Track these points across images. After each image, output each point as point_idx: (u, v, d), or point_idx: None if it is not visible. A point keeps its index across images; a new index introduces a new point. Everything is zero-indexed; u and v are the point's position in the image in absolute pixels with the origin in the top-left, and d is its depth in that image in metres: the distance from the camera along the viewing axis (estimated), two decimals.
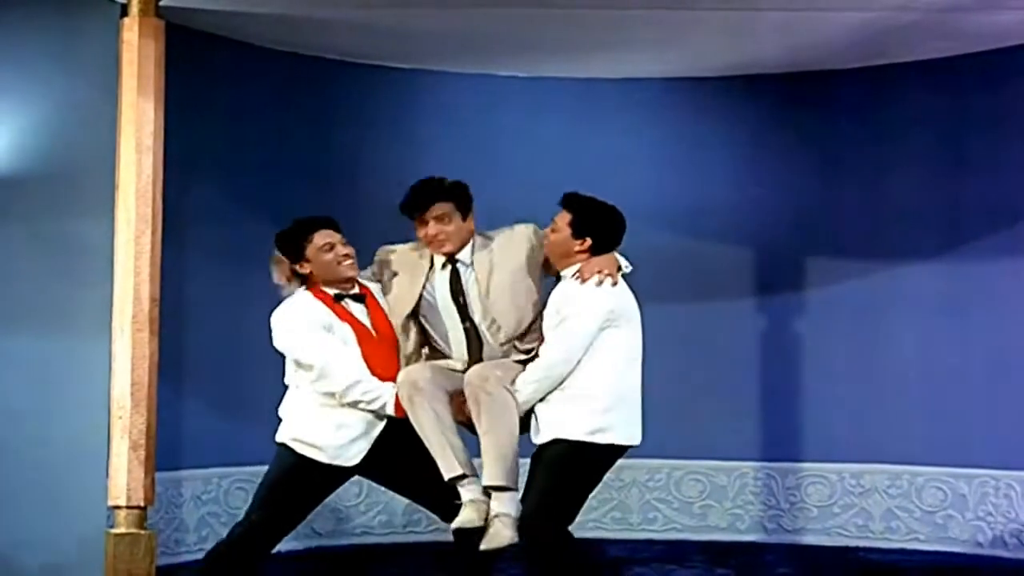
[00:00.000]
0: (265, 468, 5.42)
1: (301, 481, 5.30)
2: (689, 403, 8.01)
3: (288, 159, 7.56)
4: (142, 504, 5.78)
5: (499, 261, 5.35)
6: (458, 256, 5.36)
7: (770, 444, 8.11)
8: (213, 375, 7.33)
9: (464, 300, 5.33)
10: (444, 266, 5.36)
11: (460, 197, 5.39)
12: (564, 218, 5.35)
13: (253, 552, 5.32)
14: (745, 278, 8.20)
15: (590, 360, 5.20)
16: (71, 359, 6.53)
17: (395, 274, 5.43)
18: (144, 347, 5.83)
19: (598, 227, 5.34)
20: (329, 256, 5.33)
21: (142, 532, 5.75)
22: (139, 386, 5.80)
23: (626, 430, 5.22)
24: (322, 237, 5.35)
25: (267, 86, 7.56)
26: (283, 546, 5.48)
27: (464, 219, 5.36)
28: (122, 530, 5.72)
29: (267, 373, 7.09)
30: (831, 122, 8.11)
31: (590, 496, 5.29)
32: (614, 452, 5.22)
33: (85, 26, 6.53)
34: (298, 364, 5.32)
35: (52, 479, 6.50)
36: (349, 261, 5.37)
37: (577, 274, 5.27)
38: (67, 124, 6.60)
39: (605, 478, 5.31)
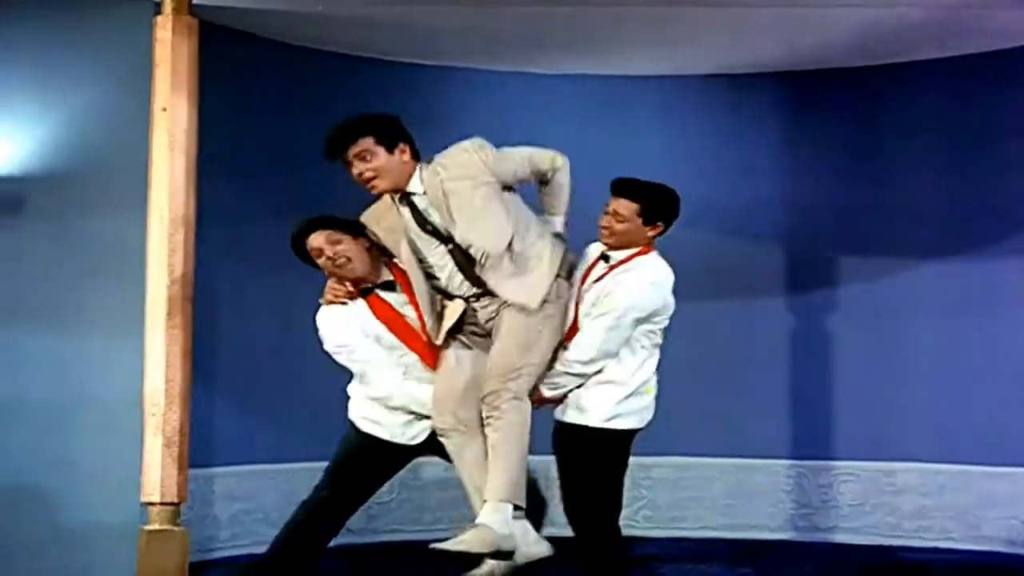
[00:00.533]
0: (298, 465, 5.46)
1: (365, 458, 5.32)
2: (719, 401, 7.99)
3: (320, 157, 7.55)
4: (175, 501, 5.83)
5: (452, 187, 5.06)
6: (408, 188, 5.09)
7: (801, 442, 8.08)
8: (246, 373, 7.33)
9: (433, 226, 5.08)
10: (402, 202, 5.13)
11: (379, 129, 5.07)
12: (629, 207, 5.28)
13: (321, 527, 5.33)
14: (775, 276, 8.16)
15: (625, 349, 5.23)
16: (104, 357, 6.56)
17: (385, 232, 5.25)
18: (177, 345, 5.87)
19: (668, 210, 5.34)
20: (321, 261, 5.20)
21: (175, 529, 5.79)
22: (172, 384, 5.84)
23: (640, 415, 5.27)
24: (312, 241, 5.19)
25: (298, 83, 7.54)
26: None
27: (391, 151, 5.03)
28: (155, 527, 5.77)
29: (300, 370, 7.18)
30: (860, 120, 8.07)
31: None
32: (631, 436, 5.27)
33: (119, 24, 6.54)
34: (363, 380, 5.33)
35: (85, 476, 6.54)
36: (343, 260, 5.17)
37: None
38: (101, 122, 6.63)
39: (636, 476, 5.33)
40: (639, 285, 5.22)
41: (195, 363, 6.05)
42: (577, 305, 5.30)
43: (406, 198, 5.11)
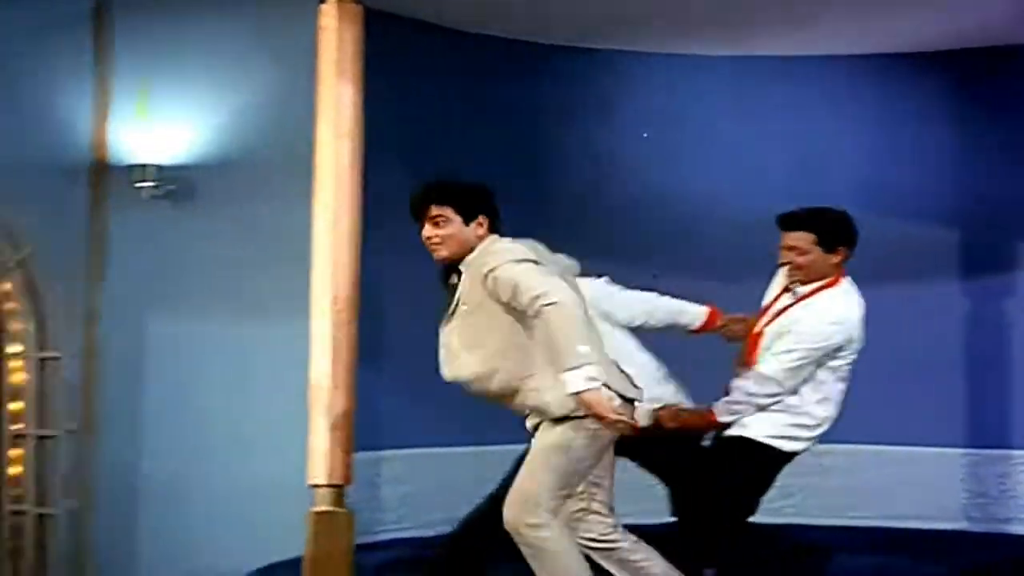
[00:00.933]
0: (463, 449, 5.50)
1: None
2: (892, 387, 7.80)
3: (489, 144, 7.54)
4: (341, 483, 5.86)
5: (464, 282, 4.86)
6: (461, 264, 4.93)
7: (977, 430, 7.87)
8: (413, 357, 7.34)
9: (450, 306, 4.97)
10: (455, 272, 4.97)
11: (463, 199, 4.90)
12: (805, 238, 5.21)
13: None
14: (949, 260, 7.97)
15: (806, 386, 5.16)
16: (271, 341, 6.71)
17: None
18: (343, 329, 5.90)
19: (846, 233, 5.24)
20: None
21: (341, 511, 5.83)
22: (339, 368, 5.88)
23: (805, 443, 5.21)
24: None
25: (463, 70, 7.56)
26: None
27: (468, 223, 4.86)
28: (321, 508, 5.81)
29: None
30: None
31: (784, 484, 5.30)
32: (788, 458, 5.20)
33: (285, 12, 6.66)
34: None
35: (253, 459, 6.68)
36: None
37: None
38: (269, 110, 6.79)
39: (808, 464, 5.28)
40: (821, 324, 5.14)
41: (363, 346, 6.10)
42: (758, 335, 5.25)
43: (457, 271, 4.95)
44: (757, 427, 5.20)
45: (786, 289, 5.35)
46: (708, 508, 5.24)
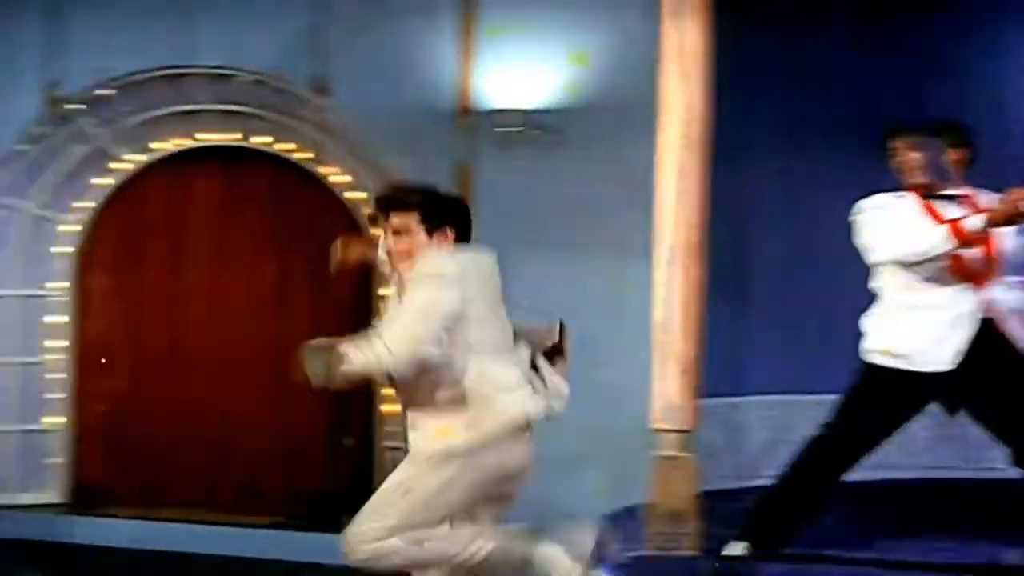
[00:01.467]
0: (824, 398, 5.38)
1: (873, 393, 5.19)
2: None
3: (845, 78, 7.26)
4: (687, 428, 5.81)
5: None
6: None
7: None
8: (777, 300, 7.23)
9: None
10: None
11: (427, 209, 4.52)
12: None
13: (825, 464, 5.28)
14: None
15: None
16: (620, 282, 6.72)
17: None
18: (690, 272, 5.82)
19: None
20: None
21: (686, 456, 5.78)
22: (685, 312, 5.81)
23: None
24: (891, 143, 5.18)
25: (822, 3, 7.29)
26: None
27: (431, 234, 4.50)
28: (667, 453, 5.78)
29: (835, 299, 6.97)
30: None
31: None
32: None
33: None
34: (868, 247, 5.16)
35: (599, 402, 6.69)
36: (907, 165, 5.10)
37: None
38: (614, 52, 6.78)
39: None
40: None
41: (722, 290, 6.02)
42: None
43: None
44: None
45: None
46: None
